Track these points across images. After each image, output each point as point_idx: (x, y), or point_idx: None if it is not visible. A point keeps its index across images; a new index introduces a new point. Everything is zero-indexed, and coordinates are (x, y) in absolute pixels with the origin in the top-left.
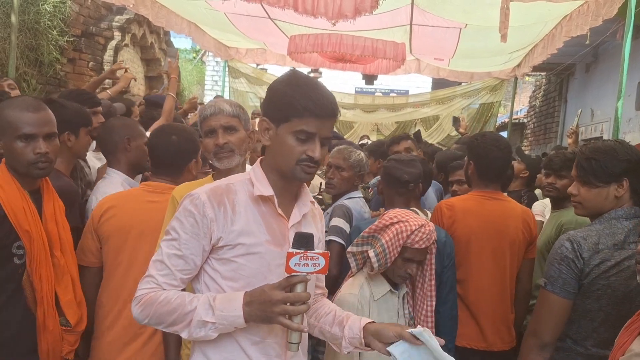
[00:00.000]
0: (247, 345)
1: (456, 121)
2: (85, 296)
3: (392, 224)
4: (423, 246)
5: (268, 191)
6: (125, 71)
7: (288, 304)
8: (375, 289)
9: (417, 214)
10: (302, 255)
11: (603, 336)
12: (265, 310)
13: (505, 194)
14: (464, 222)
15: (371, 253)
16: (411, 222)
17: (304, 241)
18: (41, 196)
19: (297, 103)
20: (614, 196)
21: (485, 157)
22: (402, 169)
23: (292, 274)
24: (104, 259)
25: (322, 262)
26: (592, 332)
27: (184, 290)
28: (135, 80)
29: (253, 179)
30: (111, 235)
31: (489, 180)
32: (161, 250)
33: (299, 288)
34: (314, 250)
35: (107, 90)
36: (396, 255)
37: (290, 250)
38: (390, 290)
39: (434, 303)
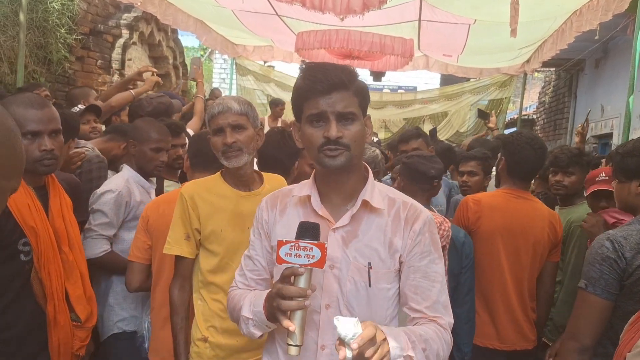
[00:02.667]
0: (280, 352)
1: (485, 115)
2: (128, 289)
3: None
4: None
5: (303, 191)
6: (152, 74)
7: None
8: None
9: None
10: (293, 244)
11: None
12: (270, 304)
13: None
14: (490, 218)
15: None
16: None
17: (305, 231)
18: (47, 192)
19: (301, 89)
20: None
21: (517, 155)
22: (427, 164)
23: (283, 264)
24: (153, 256)
25: (317, 253)
26: None
27: None
28: (160, 84)
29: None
30: (160, 234)
31: (519, 179)
32: None
33: (302, 282)
34: (318, 240)
35: (131, 91)
36: None
37: (280, 238)
38: None
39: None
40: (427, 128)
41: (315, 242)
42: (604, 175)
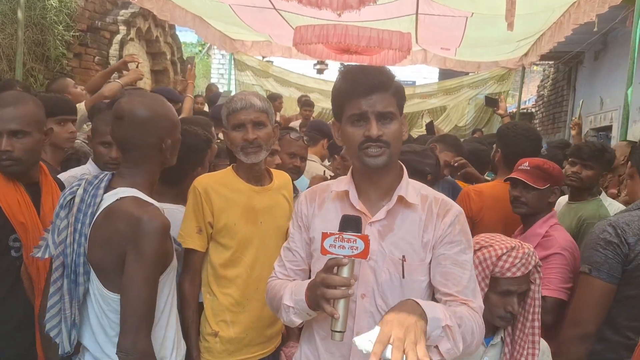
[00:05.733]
0: (318, 340)
1: (493, 102)
2: None
3: (474, 251)
4: (518, 274)
5: (341, 187)
6: (137, 65)
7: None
8: None
9: None
10: (336, 236)
11: None
12: (313, 292)
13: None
14: (493, 208)
15: None
16: (496, 246)
17: (347, 223)
18: (40, 189)
19: (342, 91)
20: None
21: (513, 146)
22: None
23: (327, 255)
24: None
25: (360, 245)
26: (634, 320)
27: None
28: (143, 77)
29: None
30: None
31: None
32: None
33: (345, 272)
34: (361, 232)
35: (118, 80)
36: (485, 289)
37: (325, 230)
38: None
39: (536, 351)
40: (425, 122)
41: (359, 234)
42: (526, 165)
